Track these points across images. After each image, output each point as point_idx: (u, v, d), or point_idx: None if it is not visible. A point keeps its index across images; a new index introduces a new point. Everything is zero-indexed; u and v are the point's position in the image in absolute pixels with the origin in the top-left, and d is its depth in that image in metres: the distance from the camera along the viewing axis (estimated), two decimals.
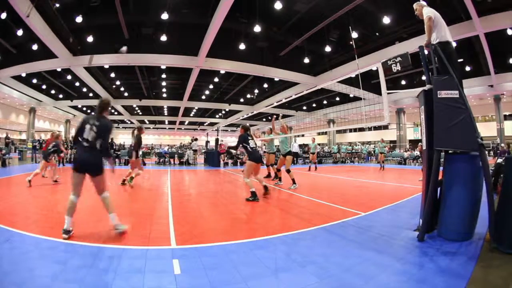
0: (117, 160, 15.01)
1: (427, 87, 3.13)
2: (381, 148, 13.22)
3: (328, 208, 4.59)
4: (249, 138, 5.37)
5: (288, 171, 6.80)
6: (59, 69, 16.46)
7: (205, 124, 40.73)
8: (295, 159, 16.99)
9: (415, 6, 3.61)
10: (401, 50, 11.38)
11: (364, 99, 11.28)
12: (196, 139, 18.29)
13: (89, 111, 32.47)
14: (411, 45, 11.31)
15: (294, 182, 6.63)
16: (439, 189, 3.17)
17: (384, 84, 3.62)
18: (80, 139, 2.99)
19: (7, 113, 25.02)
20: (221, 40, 12.58)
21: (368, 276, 2.15)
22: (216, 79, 19.64)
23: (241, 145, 5.36)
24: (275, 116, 8.28)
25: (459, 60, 3.63)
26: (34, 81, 19.83)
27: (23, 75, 17.31)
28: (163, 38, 12.26)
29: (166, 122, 40.62)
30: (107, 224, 3.41)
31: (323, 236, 3.10)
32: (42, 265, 2.20)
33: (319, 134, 37.36)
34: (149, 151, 19.63)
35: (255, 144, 5.47)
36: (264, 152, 10.04)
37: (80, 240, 2.73)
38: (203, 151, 19.97)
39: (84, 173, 2.97)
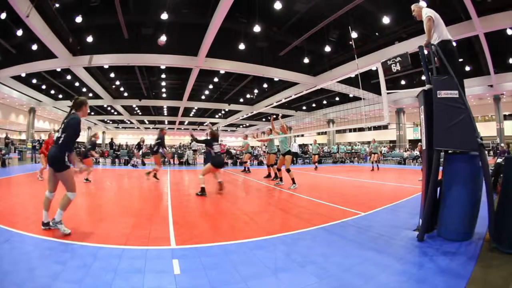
0: (116, 160, 15.01)
1: (427, 87, 3.14)
2: (374, 149, 13.02)
3: (328, 208, 4.59)
4: (215, 143, 5.81)
5: (288, 170, 6.80)
6: (58, 69, 16.44)
7: (204, 124, 40.66)
8: (294, 159, 17.01)
9: (413, 7, 3.59)
10: (400, 50, 11.38)
11: (363, 99, 11.29)
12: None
13: (88, 111, 32.43)
14: (410, 45, 11.31)
15: (293, 182, 6.63)
16: (438, 189, 3.17)
17: (384, 84, 3.62)
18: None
19: (6, 113, 25.01)
20: (220, 40, 12.57)
21: (368, 276, 2.15)
22: (215, 79, 19.63)
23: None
24: (274, 116, 8.30)
25: (459, 60, 3.63)
26: (34, 81, 19.81)
27: (23, 75, 17.30)
28: (163, 38, 12.25)
29: (166, 122, 40.58)
30: (108, 224, 3.42)
31: (323, 236, 3.10)
32: (42, 265, 2.20)
33: (318, 134, 37.36)
34: (149, 151, 19.61)
35: (219, 150, 5.95)
36: (264, 152, 10.07)
37: (80, 240, 2.73)
38: (203, 151, 19.93)
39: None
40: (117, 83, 21.28)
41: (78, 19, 10.92)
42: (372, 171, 12.02)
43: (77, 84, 20.16)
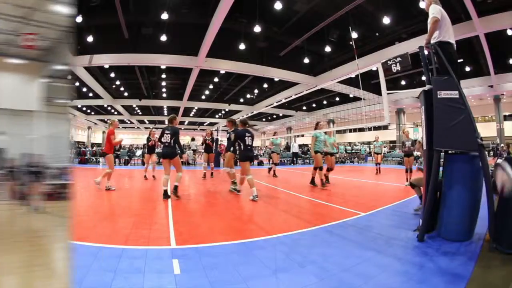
0: (116, 160, 15.00)
1: (427, 87, 3.13)
2: (377, 148, 11.24)
3: (328, 208, 4.59)
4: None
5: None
6: None
7: (205, 124, 40.68)
8: (294, 159, 17.01)
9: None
10: (401, 50, 11.37)
11: (364, 99, 11.27)
12: (193, 139, 18.25)
13: (88, 110, 32.48)
14: (411, 45, 11.29)
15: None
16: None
17: (384, 84, 3.62)
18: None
19: None
20: (221, 40, 12.57)
21: (368, 276, 2.15)
22: (216, 79, 19.63)
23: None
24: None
25: (459, 61, 3.59)
26: None
27: None
28: (163, 38, 12.25)
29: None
30: (108, 224, 3.42)
31: (323, 236, 3.10)
32: None
33: None
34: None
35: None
36: (272, 152, 10.04)
37: (80, 240, 2.73)
38: (203, 151, 19.88)
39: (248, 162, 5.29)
40: (117, 83, 21.26)
41: (78, 19, 10.92)
42: (377, 174, 10.75)
43: (77, 83, 20.13)
